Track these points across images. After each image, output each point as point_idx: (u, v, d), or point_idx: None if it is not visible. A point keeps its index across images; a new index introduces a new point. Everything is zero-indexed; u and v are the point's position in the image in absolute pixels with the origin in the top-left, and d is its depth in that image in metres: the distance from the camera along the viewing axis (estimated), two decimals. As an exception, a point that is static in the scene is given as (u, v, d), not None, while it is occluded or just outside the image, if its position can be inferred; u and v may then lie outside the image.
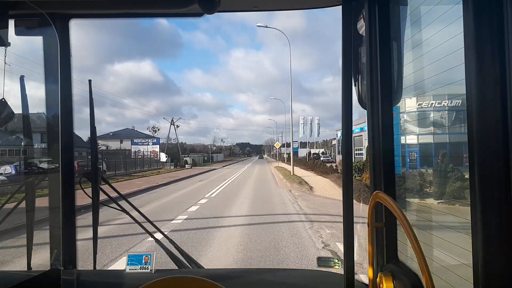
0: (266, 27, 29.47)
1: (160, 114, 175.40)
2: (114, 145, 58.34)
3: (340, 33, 1.35)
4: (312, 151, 66.74)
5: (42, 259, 1.74)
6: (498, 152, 0.81)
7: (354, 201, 1.41)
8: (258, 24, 29.34)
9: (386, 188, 1.36)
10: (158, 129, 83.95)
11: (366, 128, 1.46)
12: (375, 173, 1.40)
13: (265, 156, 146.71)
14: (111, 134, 66.27)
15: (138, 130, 70.90)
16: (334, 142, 59.34)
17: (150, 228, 1.90)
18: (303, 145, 74.54)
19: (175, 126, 65.42)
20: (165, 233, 1.88)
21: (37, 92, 1.75)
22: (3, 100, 1.62)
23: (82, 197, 1.78)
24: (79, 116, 1.74)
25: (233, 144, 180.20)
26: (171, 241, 1.85)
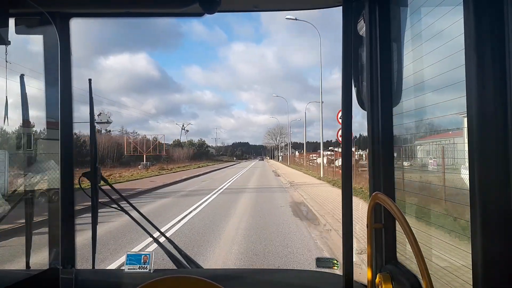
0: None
1: (161, 113, 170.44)
2: None
3: (341, 34, 1.35)
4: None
5: (40, 258, 1.73)
6: (498, 152, 0.80)
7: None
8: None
9: (385, 189, 1.36)
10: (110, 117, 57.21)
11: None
12: (375, 174, 1.40)
13: (267, 158, 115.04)
14: None
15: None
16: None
17: (149, 228, 1.90)
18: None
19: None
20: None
21: (37, 90, 1.75)
22: None
23: (82, 197, 1.78)
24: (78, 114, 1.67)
25: (216, 143, 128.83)
26: (170, 241, 1.85)
